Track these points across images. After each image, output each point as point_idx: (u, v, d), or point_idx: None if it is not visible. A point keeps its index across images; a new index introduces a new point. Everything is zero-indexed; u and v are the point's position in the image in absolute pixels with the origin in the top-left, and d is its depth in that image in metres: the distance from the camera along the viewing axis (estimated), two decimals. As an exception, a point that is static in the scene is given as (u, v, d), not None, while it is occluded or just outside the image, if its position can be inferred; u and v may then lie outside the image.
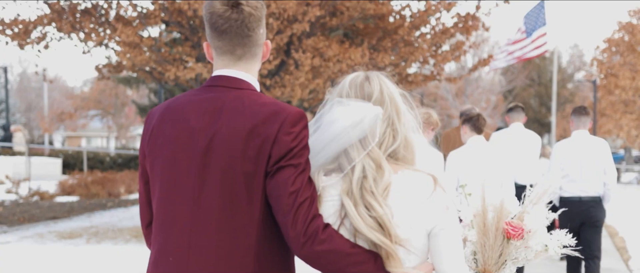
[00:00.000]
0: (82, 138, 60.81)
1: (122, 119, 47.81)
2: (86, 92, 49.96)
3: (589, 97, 37.90)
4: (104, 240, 9.93)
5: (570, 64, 48.74)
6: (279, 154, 1.81)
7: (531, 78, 44.58)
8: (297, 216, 1.78)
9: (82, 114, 46.55)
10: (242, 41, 1.92)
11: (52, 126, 47.08)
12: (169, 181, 1.90)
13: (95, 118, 49.34)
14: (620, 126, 29.28)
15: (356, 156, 1.84)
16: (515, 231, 2.10)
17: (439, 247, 1.85)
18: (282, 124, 1.82)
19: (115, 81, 23.49)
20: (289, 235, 1.80)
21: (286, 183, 1.79)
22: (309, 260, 1.81)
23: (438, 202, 1.84)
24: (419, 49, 10.22)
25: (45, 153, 25.84)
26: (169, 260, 1.89)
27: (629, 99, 28.50)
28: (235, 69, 1.94)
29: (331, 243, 1.78)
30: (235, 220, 1.83)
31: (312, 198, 1.82)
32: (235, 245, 1.83)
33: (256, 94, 1.92)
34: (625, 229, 11.86)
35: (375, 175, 1.83)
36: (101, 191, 15.40)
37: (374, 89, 1.93)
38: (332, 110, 1.89)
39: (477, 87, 39.01)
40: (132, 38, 8.92)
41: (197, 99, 1.92)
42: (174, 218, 1.89)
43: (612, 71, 28.97)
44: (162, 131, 1.93)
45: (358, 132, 1.84)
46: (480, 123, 5.31)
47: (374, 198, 1.81)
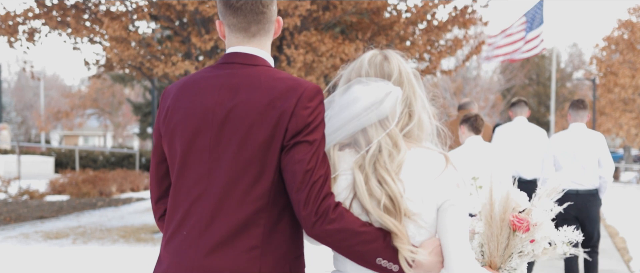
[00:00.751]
0: (79, 137, 60.61)
1: (119, 118, 47.57)
2: (83, 91, 49.70)
3: (588, 96, 37.67)
4: (91, 240, 9.67)
5: (569, 63, 48.54)
6: (296, 129, 1.82)
7: (530, 77, 44.37)
8: (309, 194, 1.79)
9: (79, 113, 46.32)
10: (257, 17, 1.93)
11: (49, 124, 46.84)
12: (186, 158, 1.91)
13: (92, 117, 49.08)
14: (620, 125, 29.02)
15: (375, 135, 1.87)
16: (520, 223, 2.11)
17: (446, 222, 1.87)
18: (300, 98, 1.83)
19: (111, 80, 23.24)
20: (301, 214, 1.82)
21: (302, 160, 1.80)
22: (320, 238, 1.83)
23: (449, 179, 1.87)
24: (414, 45, 9.95)
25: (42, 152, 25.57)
26: (183, 234, 1.90)
27: (628, 97, 28.23)
28: (249, 45, 1.95)
29: (341, 222, 1.80)
30: (246, 195, 1.84)
31: (326, 175, 1.84)
32: (245, 221, 1.85)
33: (272, 70, 1.93)
34: (626, 229, 11.61)
35: (391, 151, 1.85)
36: (92, 190, 15.13)
37: (394, 69, 1.94)
38: (352, 89, 1.90)
39: (475, 85, 38.75)
40: (119, 32, 8.65)
41: (213, 75, 1.92)
42: (189, 194, 1.90)
43: (611, 69, 28.71)
44: (178, 108, 1.93)
45: (379, 113, 1.86)
46: (478, 123, 5.27)
47: (387, 172, 1.83)
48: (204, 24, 9.51)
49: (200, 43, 8.87)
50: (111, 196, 15.75)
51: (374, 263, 1.84)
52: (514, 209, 2.17)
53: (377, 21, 10.09)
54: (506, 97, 40.97)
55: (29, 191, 14.71)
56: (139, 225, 11.30)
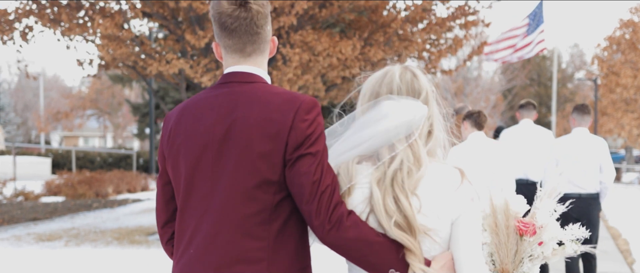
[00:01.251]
0: (79, 138, 60.49)
1: (118, 119, 47.41)
2: (82, 92, 49.58)
3: (589, 97, 37.47)
4: (84, 242, 9.50)
5: (570, 63, 48.34)
6: (296, 142, 1.84)
7: (531, 78, 44.16)
8: (320, 204, 1.81)
9: (78, 113, 46.20)
10: (252, 38, 1.97)
11: (48, 125, 46.70)
12: (190, 177, 1.94)
13: (92, 118, 48.94)
14: (622, 126, 28.81)
15: (399, 147, 1.89)
16: (526, 228, 2.12)
17: (459, 235, 1.89)
18: (297, 111, 1.86)
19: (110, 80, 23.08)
20: (314, 223, 1.83)
21: (307, 172, 1.82)
22: (334, 246, 1.85)
23: (465, 194, 1.89)
24: (413, 43, 9.76)
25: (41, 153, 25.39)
26: (190, 253, 1.93)
27: (630, 97, 28.01)
28: (245, 64, 1.99)
29: (356, 231, 1.82)
30: (249, 209, 1.87)
31: (333, 185, 1.86)
32: (251, 234, 1.87)
33: (268, 86, 1.96)
34: (628, 231, 11.42)
35: (411, 168, 1.87)
36: (88, 191, 14.95)
37: (423, 87, 1.97)
38: (382, 104, 1.91)
39: (476, 86, 38.57)
40: (111, 30, 8.48)
41: (211, 95, 1.97)
42: (195, 211, 1.93)
43: (613, 69, 28.49)
44: (180, 131, 1.97)
45: (406, 130, 1.90)
46: (481, 119, 5.32)
47: (402, 191, 1.85)
48: (198, 22, 9.34)
49: (194, 41, 8.70)
50: (107, 197, 15.58)
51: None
52: (516, 214, 2.18)
53: (375, 19, 9.91)
54: (507, 98, 40.77)
55: (24, 192, 14.54)
56: (134, 226, 11.13)
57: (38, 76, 13.64)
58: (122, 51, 8.80)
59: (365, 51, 9.42)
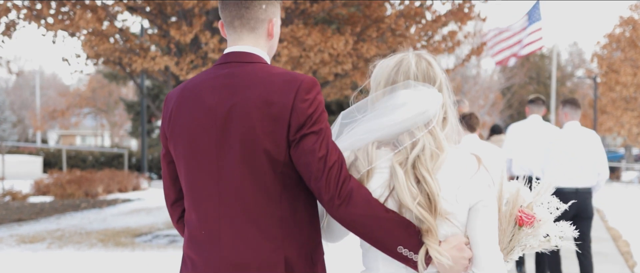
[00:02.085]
0: (76, 136, 60.20)
1: (115, 117, 47.11)
2: (78, 90, 49.28)
3: (589, 95, 37.18)
4: (67, 244, 9.19)
5: (569, 61, 48.05)
6: (298, 123, 1.85)
7: (530, 76, 43.87)
8: (329, 179, 1.83)
9: (74, 112, 45.91)
10: (239, 12, 2.00)
11: (44, 124, 46.37)
12: (192, 159, 1.96)
13: (88, 116, 48.63)
14: (621, 124, 28.49)
15: (419, 134, 1.93)
16: (528, 219, 2.17)
17: (476, 221, 1.92)
18: (297, 91, 1.87)
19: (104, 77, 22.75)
20: (323, 199, 1.85)
21: (312, 149, 1.84)
22: (344, 221, 1.86)
23: (482, 179, 1.93)
24: (408, 38, 9.45)
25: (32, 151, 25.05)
26: (201, 234, 1.95)
27: (630, 96, 27.68)
28: (241, 44, 2.01)
29: (365, 207, 1.84)
30: (258, 188, 1.89)
31: (341, 161, 1.88)
32: (261, 213, 1.89)
33: (268, 66, 1.97)
34: (629, 232, 11.11)
35: (434, 151, 1.91)
36: (77, 191, 14.61)
37: (438, 74, 2.02)
38: (399, 92, 1.95)
39: (475, 84, 38.27)
40: (93, 25, 8.17)
41: (212, 76, 1.98)
42: (201, 194, 1.95)
43: (613, 67, 28.18)
44: (180, 112, 1.99)
45: (424, 118, 1.94)
46: (472, 121, 5.33)
47: (427, 171, 1.87)
48: (185, 17, 9.03)
49: (179, 36, 8.39)
50: (97, 197, 15.25)
51: (394, 251, 1.87)
52: (522, 205, 2.22)
53: (369, 14, 9.60)
54: (506, 96, 40.46)
55: (11, 192, 14.22)
56: (121, 228, 10.82)
57: (32, 73, 13.30)
58: (106, 46, 8.49)
59: (358, 47, 9.11)
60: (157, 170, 22.98)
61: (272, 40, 2.08)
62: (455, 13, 9.90)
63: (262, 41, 2.04)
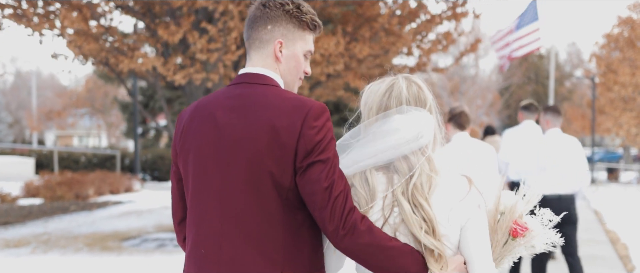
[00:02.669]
0: (73, 137, 59.96)
1: (111, 118, 46.87)
2: (74, 91, 49.04)
3: (587, 95, 37.00)
4: (53, 249, 8.97)
5: (568, 62, 47.87)
6: (306, 149, 1.86)
7: (528, 76, 43.67)
8: (333, 210, 1.83)
9: (71, 112, 45.66)
10: (248, 32, 2.06)
11: (41, 124, 46.13)
12: (199, 177, 1.97)
13: (85, 117, 48.39)
14: (620, 124, 28.26)
15: (416, 162, 1.97)
16: (523, 231, 2.19)
17: (468, 239, 1.97)
18: (306, 118, 1.87)
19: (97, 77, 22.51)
20: (328, 229, 1.85)
21: (318, 179, 1.84)
22: (349, 252, 1.87)
23: (472, 201, 1.98)
24: (402, 38, 9.24)
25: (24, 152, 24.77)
26: (201, 252, 1.96)
27: (628, 96, 27.44)
28: (251, 65, 2.04)
29: (370, 236, 1.84)
30: (261, 212, 1.89)
31: (346, 191, 1.88)
32: (262, 235, 1.89)
33: (280, 90, 1.98)
34: (628, 235, 10.90)
35: (430, 175, 1.96)
36: (68, 193, 14.38)
37: (428, 98, 2.08)
38: (392, 118, 1.99)
39: (472, 84, 38.05)
40: (77, 24, 7.95)
41: (224, 96, 2.00)
42: (205, 212, 1.96)
43: (611, 67, 27.95)
44: (191, 129, 2.02)
45: (419, 144, 1.98)
46: (462, 120, 5.36)
47: (423, 198, 1.93)
48: (173, 16, 8.82)
49: (167, 36, 8.18)
50: (87, 199, 15.01)
51: None
52: (518, 217, 2.23)
53: (361, 13, 9.39)
54: (504, 96, 40.28)
55: (0, 194, 13.98)
56: (109, 231, 10.61)
57: (30, 74, 13.09)
58: (91, 46, 8.28)
59: (350, 47, 8.90)
60: (151, 171, 22.76)
61: (283, 64, 2.05)
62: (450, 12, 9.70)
63: (270, 61, 2.03)
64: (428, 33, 9.82)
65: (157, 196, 16.54)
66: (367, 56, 9.25)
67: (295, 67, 2.07)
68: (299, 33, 2.06)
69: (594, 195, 19.74)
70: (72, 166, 22.18)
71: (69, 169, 20.40)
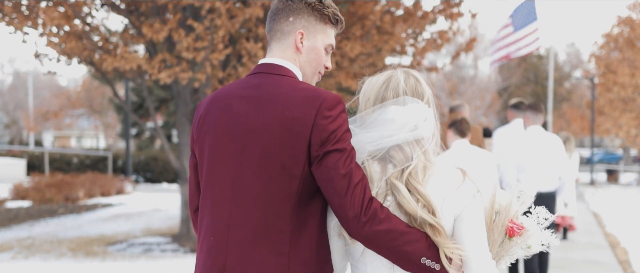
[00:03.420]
0: (71, 138, 59.71)
1: (108, 119, 46.60)
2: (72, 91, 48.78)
3: (586, 96, 36.74)
4: (35, 254, 8.71)
5: (567, 62, 47.64)
6: (320, 139, 1.88)
7: (527, 76, 43.43)
8: (354, 197, 1.86)
9: (68, 113, 45.40)
10: (270, 24, 2.09)
11: (37, 125, 45.85)
12: (212, 165, 2.01)
13: (82, 118, 48.12)
14: (619, 125, 27.99)
15: (412, 152, 2.00)
16: (519, 231, 2.20)
17: (463, 229, 1.98)
18: (319, 108, 1.90)
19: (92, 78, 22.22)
20: (348, 215, 1.87)
21: (336, 166, 1.87)
22: (368, 239, 1.89)
23: (467, 191, 2.00)
24: (394, 36, 8.97)
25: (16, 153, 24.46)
26: (210, 240, 1.99)
27: (628, 96, 27.16)
28: (270, 56, 2.08)
29: (390, 223, 1.88)
30: (271, 202, 1.92)
31: (364, 181, 1.91)
32: (271, 226, 1.92)
33: (295, 81, 2.00)
34: (628, 239, 10.63)
35: (426, 164, 2.01)
36: (57, 195, 14.10)
37: (426, 91, 2.10)
38: (389, 108, 2.02)
39: (471, 84, 37.79)
40: (58, 21, 7.68)
41: (241, 86, 2.04)
42: (217, 200, 1.99)
43: (610, 68, 27.67)
44: (208, 117, 2.05)
45: (415, 134, 2.01)
46: (463, 126, 5.36)
47: (418, 183, 1.97)
48: (159, 13, 8.55)
49: (151, 34, 7.91)
50: (77, 202, 14.73)
51: (418, 263, 1.91)
52: (514, 216, 2.24)
53: (354, 11, 9.12)
54: (502, 97, 40.02)
55: (-12, 196, 13.72)
56: (96, 235, 10.34)
57: (29, 75, 12.82)
58: (72, 45, 8.01)
59: (341, 45, 8.64)
60: (144, 173, 22.47)
61: (303, 55, 2.08)
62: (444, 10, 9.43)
63: (289, 52, 2.06)
64: (422, 31, 9.55)
65: (149, 198, 16.27)
66: (359, 54, 8.98)
67: (316, 59, 2.10)
68: (320, 26, 2.08)
69: (593, 197, 19.49)
70: (64, 167, 21.88)
71: (61, 170, 20.13)
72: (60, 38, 8.04)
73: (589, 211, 14.95)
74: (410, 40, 9.69)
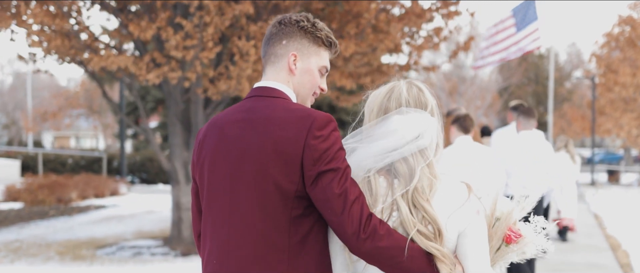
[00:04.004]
0: (71, 138, 59.54)
1: (107, 119, 46.40)
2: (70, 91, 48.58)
3: (587, 96, 36.51)
4: (21, 258, 8.50)
5: (568, 62, 47.41)
6: (312, 158, 1.90)
7: (528, 76, 43.20)
8: (351, 214, 1.87)
9: (67, 113, 45.18)
10: (264, 48, 2.15)
11: (36, 125, 45.66)
12: (211, 189, 2.05)
13: (82, 118, 47.93)
14: (620, 126, 27.72)
15: (416, 166, 1.98)
16: (516, 238, 2.20)
17: (466, 247, 1.98)
18: (310, 128, 1.92)
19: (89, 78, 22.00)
20: (347, 232, 1.88)
21: (331, 186, 1.88)
22: (369, 256, 1.89)
23: (471, 208, 1.99)
24: (390, 35, 8.75)
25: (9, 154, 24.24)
26: (213, 263, 2.03)
27: (629, 96, 26.87)
28: (264, 79, 2.11)
29: (391, 239, 1.89)
30: (267, 223, 1.94)
31: (361, 198, 1.92)
32: (269, 247, 1.94)
33: (288, 102, 2.04)
34: (629, 241, 10.40)
35: (431, 179, 1.99)
36: (49, 197, 13.88)
37: (429, 101, 2.09)
38: (391, 119, 2.02)
39: (471, 84, 37.57)
40: (41, 18, 7.47)
41: (235, 110, 2.09)
42: (216, 223, 2.04)
43: (611, 67, 27.40)
44: (206, 143, 2.10)
45: (418, 145, 2.00)
46: (467, 123, 5.35)
47: (426, 201, 1.95)
48: (148, 11, 8.34)
49: (138, 32, 7.69)
50: (70, 203, 14.51)
51: None
52: (514, 223, 2.23)
53: (348, 9, 8.90)
54: (503, 96, 39.79)
55: (-21, 198, 13.51)
56: (85, 238, 10.12)
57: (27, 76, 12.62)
58: (58, 43, 7.79)
59: (335, 44, 8.41)
60: (140, 174, 22.25)
61: (297, 77, 2.09)
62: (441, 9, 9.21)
63: (283, 75, 2.09)
64: (418, 29, 9.32)
65: (143, 200, 16.05)
66: (354, 53, 8.76)
67: (310, 81, 2.11)
68: (314, 48, 2.11)
69: (593, 197, 19.27)
70: (59, 168, 21.66)
71: (56, 171, 19.91)
72: (44, 36, 7.83)
73: (589, 213, 14.73)
74: (407, 38, 9.48)
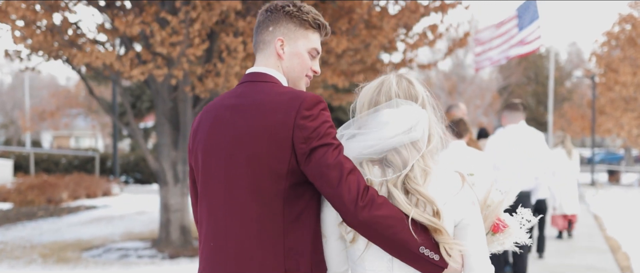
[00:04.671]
0: (70, 138, 59.36)
1: (106, 118, 46.23)
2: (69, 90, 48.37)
3: (587, 95, 36.25)
4: (3, 260, 8.26)
5: (568, 62, 47.17)
6: (302, 137, 1.92)
7: (528, 76, 42.95)
8: (348, 183, 1.88)
9: (65, 112, 44.98)
10: (254, 36, 2.21)
11: (34, 125, 45.45)
12: (206, 174, 2.09)
13: (80, 117, 47.71)
14: (621, 125, 27.45)
15: (409, 156, 2.00)
16: (503, 228, 2.25)
17: (466, 238, 1.99)
18: (299, 109, 1.94)
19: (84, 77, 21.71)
20: (345, 202, 1.88)
21: (325, 158, 1.91)
22: (366, 225, 1.88)
23: (466, 197, 2.02)
24: (383, 31, 8.50)
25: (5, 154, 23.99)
26: (210, 246, 2.07)
27: (629, 96, 26.60)
28: (255, 65, 2.18)
29: (388, 208, 1.90)
30: (261, 203, 1.97)
31: (356, 171, 1.93)
32: (264, 227, 1.97)
33: (276, 86, 2.08)
34: (629, 243, 10.15)
35: (425, 168, 2.01)
36: (39, 197, 13.63)
37: (419, 93, 2.11)
38: (382, 112, 2.04)
39: (471, 83, 37.32)
40: (22, 13, 7.23)
41: (227, 96, 2.15)
42: (212, 207, 2.07)
43: (611, 66, 27.13)
44: (201, 129, 2.15)
45: (411, 136, 2.01)
46: (461, 128, 5.37)
47: (417, 184, 1.96)
48: (134, 6, 8.09)
49: (124, 27, 7.45)
50: (60, 204, 14.26)
51: (417, 253, 1.90)
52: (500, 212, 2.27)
53: (341, 5, 8.65)
54: (503, 96, 39.55)
55: (-32, 198, 13.27)
56: (72, 240, 9.88)
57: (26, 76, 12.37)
58: (41, 39, 7.55)
59: (327, 41, 8.17)
60: (134, 173, 21.99)
61: (286, 61, 2.13)
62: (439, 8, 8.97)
63: (272, 60, 2.13)
64: (412, 25, 9.08)
65: (135, 200, 15.81)
66: (346, 50, 8.52)
67: (299, 64, 2.14)
68: (301, 31, 2.13)
69: (593, 198, 19.02)
70: (52, 168, 21.41)
71: (48, 171, 19.66)
72: (27, 31, 7.58)
73: (589, 213, 14.49)
74: (401, 35, 9.23)
